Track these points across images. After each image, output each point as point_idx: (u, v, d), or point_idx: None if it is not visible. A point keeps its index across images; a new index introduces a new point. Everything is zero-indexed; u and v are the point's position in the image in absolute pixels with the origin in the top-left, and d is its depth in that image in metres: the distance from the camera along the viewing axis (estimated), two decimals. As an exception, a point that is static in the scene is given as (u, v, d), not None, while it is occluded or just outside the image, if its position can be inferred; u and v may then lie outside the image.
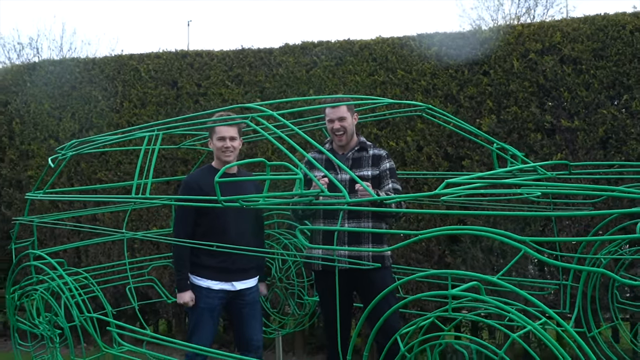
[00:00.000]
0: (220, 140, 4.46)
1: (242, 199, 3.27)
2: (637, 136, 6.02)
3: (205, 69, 7.45)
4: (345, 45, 7.04)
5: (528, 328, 2.55)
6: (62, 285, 4.43)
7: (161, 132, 4.04)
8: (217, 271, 4.47)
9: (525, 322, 2.55)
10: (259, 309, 4.69)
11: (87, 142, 4.81)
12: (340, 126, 4.46)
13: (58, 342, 4.65)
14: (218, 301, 4.50)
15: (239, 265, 4.51)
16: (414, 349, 2.83)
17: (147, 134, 4.01)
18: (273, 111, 3.72)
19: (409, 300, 3.03)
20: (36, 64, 8.25)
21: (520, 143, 6.31)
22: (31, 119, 7.95)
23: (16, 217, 7.83)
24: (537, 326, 2.57)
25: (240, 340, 4.62)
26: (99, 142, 4.65)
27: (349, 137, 4.53)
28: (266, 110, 3.64)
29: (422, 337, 2.82)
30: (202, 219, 4.49)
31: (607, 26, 6.23)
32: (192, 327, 4.49)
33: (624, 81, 6.11)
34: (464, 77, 6.56)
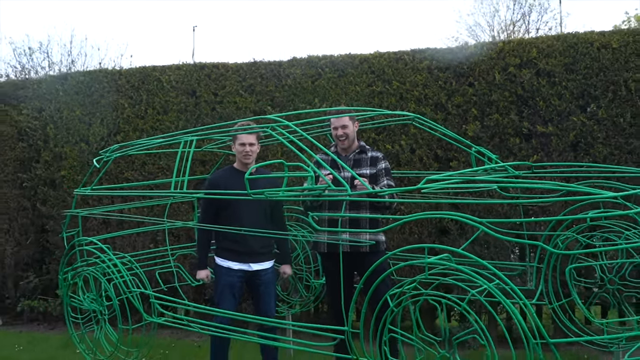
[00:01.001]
0: (241, 145, 5.29)
1: (267, 192, 4.14)
2: (603, 140, 6.88)
3: (221, 80, 8.31)
4: (347, 59, 7.90)
5: (484, 286, 3.41)
6: (111, 266, 5.29)
7: (195, 137, 4.91)
8: (236, 254, 5.29)
9: (483, 283, 3.42)
10: (273, 288, 5.50)
11: (127, 146, 5.67)
12: (343, 133, 5.30)
13: (107, 315, 5.51)
14: (237, 279, 5.30)
15: (254, 249, 5.32)
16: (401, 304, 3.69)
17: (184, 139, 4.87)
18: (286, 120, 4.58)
19: (392, 269, 3.90)
20: (68, 74, 9.12)
21: (501, 146, 7.17)
22: (64, 124, 8.81)
23: (50, 212, 8.74)
24: (491, 286, 3.43)
25: (257, 314, 5.43)
26: (138, 146, 5.50)
27: (351, 141, 5.37)
28: (282, 121, 4.50)
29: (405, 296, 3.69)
30: (222, 211, 5.32)
31: (577, 43, 7.09)
32: (216, 301, 5.31)
33: (591, 92, 6.96)
34: (452, 88, 7.41)
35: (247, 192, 4.14)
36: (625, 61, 6.90)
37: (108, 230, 8.22)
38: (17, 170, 9.03)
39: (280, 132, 4.69)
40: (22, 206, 9.00)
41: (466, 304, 3.42)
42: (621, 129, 6.85)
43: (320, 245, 5.28)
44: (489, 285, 3.40)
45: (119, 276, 5.23)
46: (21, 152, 9.02)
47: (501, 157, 7.01)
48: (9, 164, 9.02)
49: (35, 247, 9.01)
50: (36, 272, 8.96)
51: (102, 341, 5.55)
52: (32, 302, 8.88)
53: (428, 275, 3.58)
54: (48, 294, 8.94)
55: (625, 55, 6.91)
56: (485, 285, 3.39)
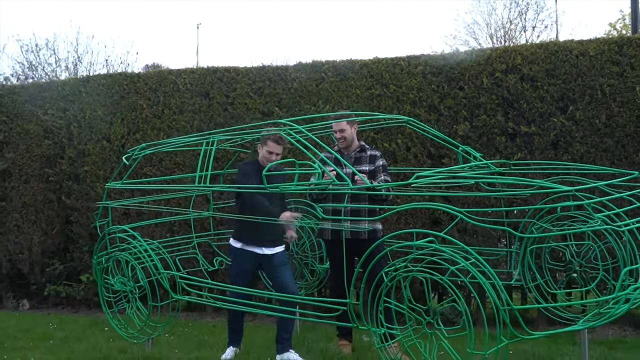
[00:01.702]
0: (269, 153, 5.91)
1: (281, 186, 4.89)
2: (580, 139, 7.60)
3: (232, 83, 9.03)
4: (348, 64, 8.63)
5: (462, 265, 4.15)
6: (142, 252, 6.04)
7: (216, 138, 5.65)
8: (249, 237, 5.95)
9: (461, 261, 4.16)
10: (288, 267, 6.15)
11: (153, 145, 6.40)
12: (341, 136, 6.05)
13: (137, 294, 6.26)
14: (250, 260, 5.96)
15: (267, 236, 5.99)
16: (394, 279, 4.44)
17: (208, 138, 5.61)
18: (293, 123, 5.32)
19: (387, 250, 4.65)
20: (90, 77, 9.87)
21: (488, 145, 7.89)
22: (87, 123, 9.54)
23: (74, 205, 9.48)
24: (467, 264, 4.16)
25: (278, 292, 6.08)
26: (164, 145, 6.25)
27: (349, 142, 6.10)
28: (294, 125, 5.24)
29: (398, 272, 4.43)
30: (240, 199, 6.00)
31: (558, 51, 7.81)
32: (232, 279, 5.98)
33: (570, 95, 7.69)
34: (444, 91, 8.13)
35: (264, 186, 4.89)
36: (600, 67, 7.61)
37: (128, 221, 8.93)
38: (44, 165, 9.76)
39: (291, 134, 5.44)
40: (48, 199, 9.73)
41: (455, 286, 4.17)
42: (597, 129, 7.57)
43: (325, 233, 6.01)
44: (465, 262, 4.14)
45: (149, 260, 5.97)
46: (47, 149, 9.75)
47: (488, 154, 7.73)
48: (36, 160, 9.75)
49: (60, 237, 9.75)
50: (61, 260, 9.70)
51: (134, 317, 6.30)
52: (57, 287, 9.62)
53: (416, 256, 4.33)
54: (72, 279, 9.67)
55: (601, 62, 7.62)
56: (462, 263, 4.13)
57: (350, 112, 6.45)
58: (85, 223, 9.49)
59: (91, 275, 9.30)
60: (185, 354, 6.12)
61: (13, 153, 9.84)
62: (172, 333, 7.01)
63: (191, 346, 6.52)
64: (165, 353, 6.09)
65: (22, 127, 9.86)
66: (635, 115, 7.46)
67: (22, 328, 7.70)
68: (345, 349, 6.22)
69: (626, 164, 7.43)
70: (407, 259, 4.46)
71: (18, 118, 9.92)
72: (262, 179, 4.96)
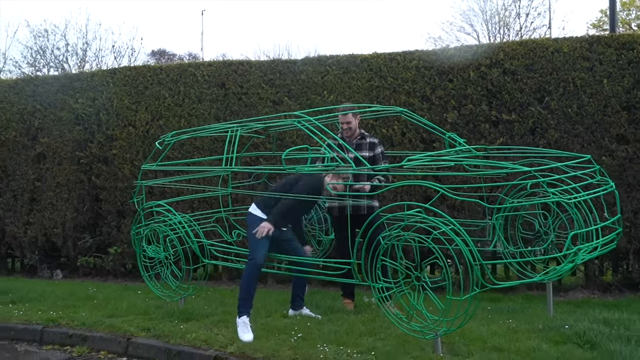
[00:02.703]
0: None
1: (297, 167, 5.96)
2: (554, 126, 8.65)
3: (246, 75, 10.05)
4: (350, 59, 9.65)
5: (443, 228, 5.22)
6: (177, 223, 7.12)
7: (240, 127, 6.70)
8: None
9: (442, 226, 5.22)
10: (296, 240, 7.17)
11: (182, 132, 7.45)
12: (347, 127, 7.12)
13: (172, 260, 7.35)
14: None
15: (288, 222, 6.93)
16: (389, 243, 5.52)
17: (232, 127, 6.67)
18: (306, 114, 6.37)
19: (384, 219, 5.72)
20: (116, 69, 10.89)
21: (474, 131, 8.94)
22: (114, 111, 10.58)
23: (103, 184, 10.53)
24: (448, 230, 5.23)
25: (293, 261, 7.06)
26: (192, 132, 7.29)
27: (353, 131, 7.17)
28: (305, 116, 6.29)
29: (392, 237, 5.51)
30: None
31: (536, 48, 8.84)
32: (252, 247, 6.89)
33: (546, 87, 8.72)
34: (435, 83, 9.16)
35: (283, 168, 5.96)
36: (573, 63, 8.64)
37: (153, 199, 9.98)
38: (75, 149, 10.80)
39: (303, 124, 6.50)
40: (80, 179, 10.78)
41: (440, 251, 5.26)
42: (569, 117, 8.61)
43: (334, 209, 7.11)
44: (445, 227, 5.22)
45: (182, 230, 7.06)
46: (78, 134, 10.78)
47: (474, 139, 8.77)
48: (68, 144, 10.79)
49: (90, 213, 10.80)
50: (91, 234, 10.77)
51: (169, 279, 7.40)
52: (88, 258, 10.70)
53: (407, 223, 5.40)
54: (100, 252, 10.75)
55: (573, 58, 8.65)
56: (443, 228, 5.21)
57: (354, 105, 7.50)
58: (113, 201, 10.55)
59: (119, 247, 10.40)
60: (213, 309, 7.23)
61: (47, 138, 10.88)
62: (197, 296, 8.10)
63: (216, 304, 7.62)
64: (196, 308, 7.21)
65: (55, 115, 10.89)
66: (603, 105, 8.51)
67: (65, 292, 8.80)
68: (348, 306, 7.35)
69: (594, 148, 8.49)
70: (400, 226, 5.54)
71: (51, 106, 10.95)
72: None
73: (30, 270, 11.29)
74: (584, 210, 6.00)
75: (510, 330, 6.08)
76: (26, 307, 7.64)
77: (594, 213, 5.92)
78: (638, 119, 8.44)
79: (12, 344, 6.84)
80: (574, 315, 6.53)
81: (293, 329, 6.23)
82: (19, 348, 6.72)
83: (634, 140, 8.45)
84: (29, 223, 11.00)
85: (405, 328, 5.61)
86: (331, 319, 6.64)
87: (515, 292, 8.77)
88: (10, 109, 11.13)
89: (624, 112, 8.48)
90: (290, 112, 6.48)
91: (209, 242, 7.22)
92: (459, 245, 5.12)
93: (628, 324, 5.86)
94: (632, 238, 8.49)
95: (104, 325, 6.82)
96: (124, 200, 10.43)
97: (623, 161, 8.44)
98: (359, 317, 6.81)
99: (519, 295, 8.51)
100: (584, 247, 5.37)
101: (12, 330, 7.03)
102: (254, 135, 8.75)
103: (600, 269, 8.98)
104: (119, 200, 10.49)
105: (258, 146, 9.50)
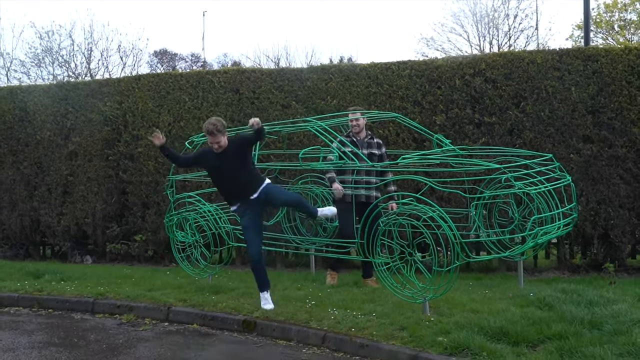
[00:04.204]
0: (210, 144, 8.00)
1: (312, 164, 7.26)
2: (529, 128, 9.95)
3: (257, 81, 11.31)
4: (350, 68, 10.93)
5: (430, 213, 6.50)
6: (206, 212, 8.41)
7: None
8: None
9: (428, 210, 6.51)
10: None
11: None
12: (356, 123, 8.41)
13: (201, 243, 8.63)
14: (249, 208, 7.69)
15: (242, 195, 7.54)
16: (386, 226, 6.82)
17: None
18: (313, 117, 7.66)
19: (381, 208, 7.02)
20: (140, 76, 12.14)
21: (460, 132, 10.23)
22: (139, 113, 11.82)
23: (129, 179, 11.79)
24: (435, 215, 6.51)
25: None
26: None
27: (361, 128, 8.46)
28: (317, 122, 7.57)
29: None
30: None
31: (513, 59, 10.14)
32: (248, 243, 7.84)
33: (522, 94, 10.02)
34: (425, 90, 10.44)
35: (300, 164, 7.26)
36: (545, 72, 9.94)
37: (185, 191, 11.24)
38: (104, 147, 12.04)
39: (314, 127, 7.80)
40: (108, 174, 12.01)
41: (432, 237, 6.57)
42: (542, 120, 9.91)
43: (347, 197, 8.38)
44: (432, 213, 6.51)
45: (211, 218, 8.34)
46: (107, 134, 12.01)
47: (459, 139, 10.05)
48: (98, 142, 12.04)
49: (118, 205, 12.04)
50: (118, 223, 12.01)
51: (199, 259, 8.69)
52: (116, 245, 11.96)
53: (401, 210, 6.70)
54: (127, 239, 12.00)
55: (545, 68, 9.95)
56: (430, 212, 6.50)
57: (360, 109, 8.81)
58: (138, 194, 11.80)
59: (143, 235, 11.66)
60: (236, 285, 8.54)
61: (79, 137, 12.13)
62: (219, 275, 9.37)
63: (238, 281, 8.92)
64: (223, 284, 8.53)
65: (86, 116, 12.13)
66: (571, 110, 9.82)
67: (104, 272, 10.08)
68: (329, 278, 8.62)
69: (564, 147, 9.81)
70: (395, 212, 6.84)
71: (82, 109, 12.18)
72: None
73: (61, 257, 12.52)
74: (549, 199, 7.30)
75: (486, 298, 7.39)
76: (75, 284, 8.91)
77: (556, 202, 7.23)
78: (601, 121, 9.75)
79: (68, 314, 8.10)
80: (539, 287, 7.84)
81: (307, 298, 7.53)
82: (75, 316, 7.98)
83: (598, 141, 9.76)
84: (62, 214, 12.24)
85: (399, 295, 6.91)
86: (338, 291, 7.94)
87: (495, 272, 10.10)
88: (44, 111, 12.37)
89: (589, 116, 9.79)
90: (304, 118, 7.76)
91: (233, 227, 8.50)
92: (442, 226, 6.41)
93: (580, 292, 7.17)
94: (597, 225, 9.80)
95: (145, 297, 8.10)
96: (148, 193, 11.68)
97: (588, 158, 9.75)
98: (361, 290, 8.11)
99: (498, 275, 9.84)
100: (543, 229, 6.68)
101: (67, 302, 8.30)
102: (268, 136, 10.01)
103: (570, 252, 10.33)
104: (144, 193, 11.73)
105: (269, 145, 10.76)
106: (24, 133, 12.48)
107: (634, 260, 10.34)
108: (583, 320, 6.15)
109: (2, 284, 9.05)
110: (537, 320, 6.19)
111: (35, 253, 12.88)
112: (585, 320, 6.15)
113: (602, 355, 5.25)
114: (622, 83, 9.70)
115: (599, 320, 6.15)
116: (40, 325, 7.52)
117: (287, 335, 6.75)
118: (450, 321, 6.34)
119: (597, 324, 6.08)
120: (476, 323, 6.17)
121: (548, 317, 6.34)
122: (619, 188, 9.69)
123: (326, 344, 6.43)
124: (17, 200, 12.49)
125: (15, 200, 12.50)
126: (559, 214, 7.17)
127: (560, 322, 6.15)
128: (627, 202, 9.72)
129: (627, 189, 9.70)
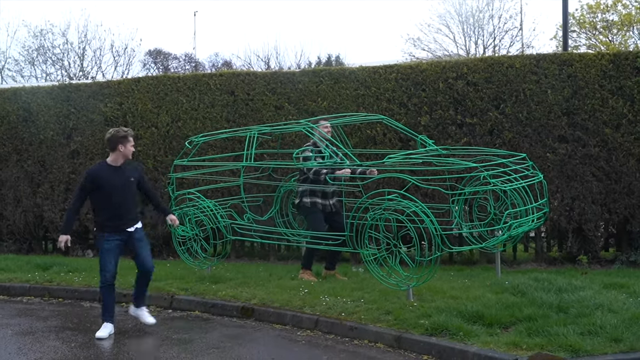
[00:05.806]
0: (133, 147, 7.83)
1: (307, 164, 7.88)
2: (508, 128, 10.59)
3: (252, 84, 11.89)
4: (340, 71, 11.54)
5: (413, 208, 7.13)
6: (206, 207, 9.01)
7: (256, 130, 8.58)
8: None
9: (411, 205, 7.13)
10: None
11: (208, 135, 9.30)
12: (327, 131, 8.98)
13: (202, 237, 9.23)
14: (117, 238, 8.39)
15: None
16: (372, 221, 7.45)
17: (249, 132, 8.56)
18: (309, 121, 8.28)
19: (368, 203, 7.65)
20: (140, 78, 12.70)
21: (443, 132, 10.86)
22: (139, 114, 12.38)
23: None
24: (418, 210, 7.13)
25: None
26: (215, 135, 9.14)
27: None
28: (309, 124, 8.19)
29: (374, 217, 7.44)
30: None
31: (494, 64, 10.77)
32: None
33: (501, 96, 10.66)
34: (410, 92, 11.06)
35: (294, 163, 7.87)
36: (523, 76, 10.58)
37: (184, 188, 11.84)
38: (105, 146, 12.57)
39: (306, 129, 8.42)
40: (109, 172, 12.58)
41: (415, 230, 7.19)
42: (520, 121, 10.55)
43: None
44: (415, 208, 7.14)
45: (211, 213, 8.95)
46: (107, 134, 12.58)
47: (442, 139, 10.67)
48: (99, 142, 12.57)
49: (118, 201, 12.60)
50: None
51: (199, 252, 9.30)
52: (116, 240, 12.51)
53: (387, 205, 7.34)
54: (127, 234, 12.56)
55: (523, 72, 10.59)
56: (413, 207, 7.13)
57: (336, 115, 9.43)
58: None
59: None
60: (234, 275, 9.16)
61: (80, 137, 12.68)
62: (217, 267, 9.96)
63: (235, 272, 9.53)
64: (221, 274, 9.17)
65: (87, 117, 12.68)
66: (547, 111, 10.47)
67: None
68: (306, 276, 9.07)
69: (540, 146, 10.46)
70: (381, 207, 7.48)
71: (84, 110, 12.72)
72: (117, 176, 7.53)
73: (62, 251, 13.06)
74: (523, 195, 7.94)
75: (465, 286, 8.05)
76: (83, 275, 9.51)
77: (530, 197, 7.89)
78: (576, 122, 10.41)
79: (77, 302, 8.71)
80: (515, 277, 8.49)
81: (300, 286, 8.16)
82: (84, 305, 8.59)
83: (572, 140, 10.42)
84: (64, 210, 12.77)
85: (385, 283, 7.54)
86: (329, 281, 8.59)
87: (477, 264, 10.75)
88: (47, 112, 12.91)
89: (564, 117, 10.45)
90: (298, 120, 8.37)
91: (231, 222, 9.11)
92: (424, 220, 7.05)
93: (552, 280, 7.83)
94: (571, 220, 10.46)
95: (150, 287, 8.61)
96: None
97: (563, 157, 10.41)
98: (350, 280, 8.75)
99: (479, 267, 10.48)
100: (516, 222, 7.34)
101: (76, 292, 8.91)
102: (263, 136, 10.61)
103: (547, 245, 11.01)
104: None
105: (262, 144, 11.35)
106: (27, 133, 13.02)
107: (607, 253, 11.00)
108: (552, 305, 6.82)
109: (13, 275, 9.64)
110: (510, 305, 6.86)
111: (37, 247, 13.41)
112: (553, 305, 6.82)
113: (565, 334, 5.92)
114: (595, 86, 10.35)
115: (566, 304, 6.82)
116: (53, 312, 8.12)
117: (283, 320, 7.38)
118: (432, 306, 6.99)
119: (564, 307, 6.75)
120: (455, 307, 6.83)
121: (520, 302, 6.99)
122: (592, 185, 10.34)
123: (319, 327, 7.08)
124: (21, 197, 13.03)
125: (20, 197, 13.04)
126: (532, 208, 7.83)
127: (531, 306, 6.82)
128: (599, 198, 10.38)
129: (599, 186, 10.35)
